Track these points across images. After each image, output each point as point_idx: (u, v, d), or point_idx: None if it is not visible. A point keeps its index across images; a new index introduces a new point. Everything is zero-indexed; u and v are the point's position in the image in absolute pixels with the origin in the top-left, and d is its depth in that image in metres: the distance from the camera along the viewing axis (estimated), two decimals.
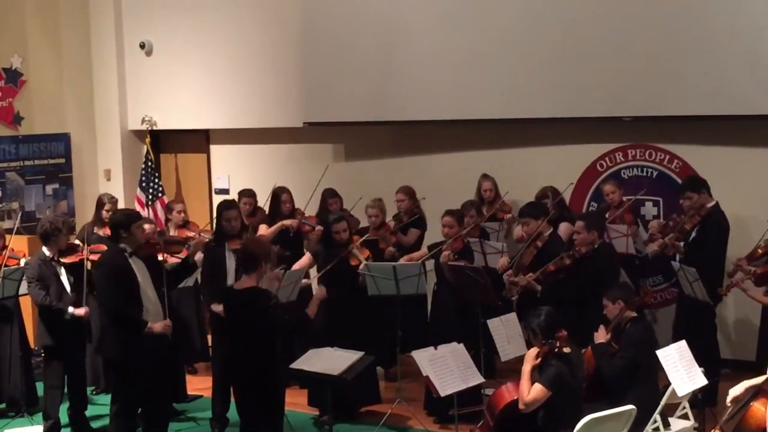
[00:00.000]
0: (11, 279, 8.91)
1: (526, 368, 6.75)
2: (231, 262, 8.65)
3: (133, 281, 7.83)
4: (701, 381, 7.22)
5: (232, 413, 8.10)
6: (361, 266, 9.15)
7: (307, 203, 10.80)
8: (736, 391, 6.39)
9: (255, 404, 7.13)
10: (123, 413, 8.02)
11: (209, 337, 10.70)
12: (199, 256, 9.00)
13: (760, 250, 8.80)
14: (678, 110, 10.14)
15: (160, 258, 8.31)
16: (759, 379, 6.28)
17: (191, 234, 10.07)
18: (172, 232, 10.17)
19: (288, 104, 12.21)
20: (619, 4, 10.23)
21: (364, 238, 9.75)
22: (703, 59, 9.87)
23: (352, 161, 12.27)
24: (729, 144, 10.18)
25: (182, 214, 10.41)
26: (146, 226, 9.91)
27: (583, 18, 10.40)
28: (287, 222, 10.34)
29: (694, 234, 9.22)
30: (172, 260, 8.89)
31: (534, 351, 6.82)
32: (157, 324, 7.85)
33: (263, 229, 10.23)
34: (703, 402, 7.58)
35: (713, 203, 9.29)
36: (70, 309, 8.52)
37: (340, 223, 9.16)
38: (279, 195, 10.76)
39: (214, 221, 9.38)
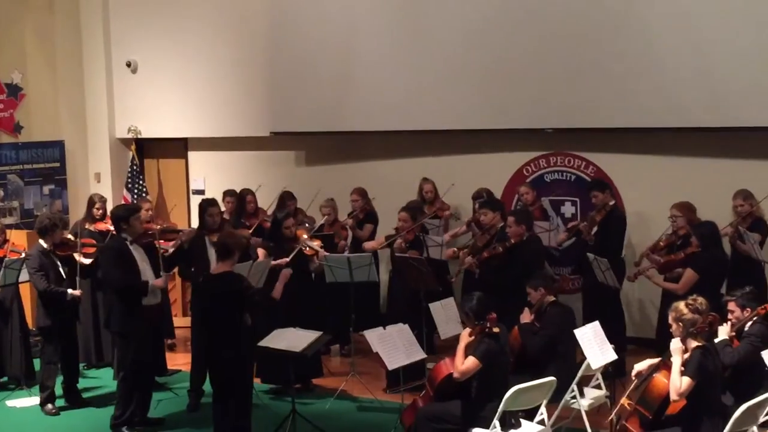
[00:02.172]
0: (12, 269, 8.88)
1: (461, 345, 6.79)
2: (212, 252, 8.62)
3: (133, 262, 7.99)
4: (612, 356, 7.31)
5: (207, 385, 8.11)
6: (320, 254, 9.18)
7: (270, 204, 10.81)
8: (640, 366, 6.52)
9: (227, 376, 7.12)
10: (127, 378, 8.08)
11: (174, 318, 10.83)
12: None
13: (661, 243, 8.95)
14: (593, 123, 10.23)
15: (162, 244, 8.56)
16: (658, 359, 6.41)
17: (157, 227, 10.01)
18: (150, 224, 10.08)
19: (256, 116, 12.18)
20: (542, 35, 10.27)
21: (316, 232, 9.72)
22: (614, 79, 9.97)
23: (312, 166, 12.28)
24: (636, 152, 10.30)
25: (149, 212, 10.35)
26: (144, 205, 9.98)
27: (511, 44, 10.45)
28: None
29: (595, 228, 9.40)
30: (166, 245, 8.98)
31: (467, 331, 6.87)
32: (158, 281, 8.11)
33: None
34: (613, 374, 7.69)
35: (613, 202, 9.47)
36: (69, 291, 8.52)
37: (288, 219, 9.18)
38: (244, 196, 10.84)
39: (197, 217, 9.34)
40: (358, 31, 11.36)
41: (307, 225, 10.10)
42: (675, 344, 6.11)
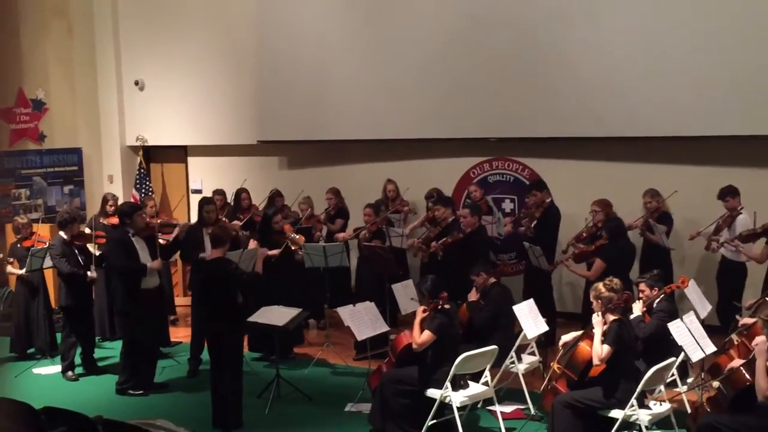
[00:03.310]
0: (37, 257, 8.80)
1: (418, 320, 6.81)
2: (208, 242, 8.60)
3: (134, 250, 7.98)
4: (544, 328, 7.36)
5: (204, 354, 8.07)
6: (299, 248, 9.17)
7: (261, 202, 10.74)
8: (566, 338, 6.58)
9: (222, 347, 7.10)
10: (129, 350, 8.10)
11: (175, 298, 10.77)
12: None
13: (584, 234, 9.01)
14: (528, 133, 10.30)
15: (163, 238, 8.56)
16: (581, 332, 6.47)
17: (156, 221, 9.91)
18: (151, 220, 9.95)
19: (245, 127, 12.13)
20: (487, 61, 10.32)
21: (297, 227, 9.72)
22: (545, 97, 10.04)
23: (293, 169, 12.25)
24: (563, 157, 10.39)
25: (154, 208, 10.28)
26: (149, 203, 9.92)
27: (461, 68, 10.50)
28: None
29: (535, 221, 9.42)
30: (167, 237, 8.92)
31: (422, 307, 6.89)
32: (154, 262, 8.07)
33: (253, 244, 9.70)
34: (545, 343, 7.76)
35: (550, 199, 9.50)
36: (89, 273, 8.49)
37: (277, 215, 9.21)
38: (240, 194, 10.78)
39: (194, 212, 9.30)
40: (332, 55, 11.34)
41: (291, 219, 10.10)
42: (596, 318, 6.17)
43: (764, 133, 8.95)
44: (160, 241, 8.64)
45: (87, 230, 9.14)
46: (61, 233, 8.56)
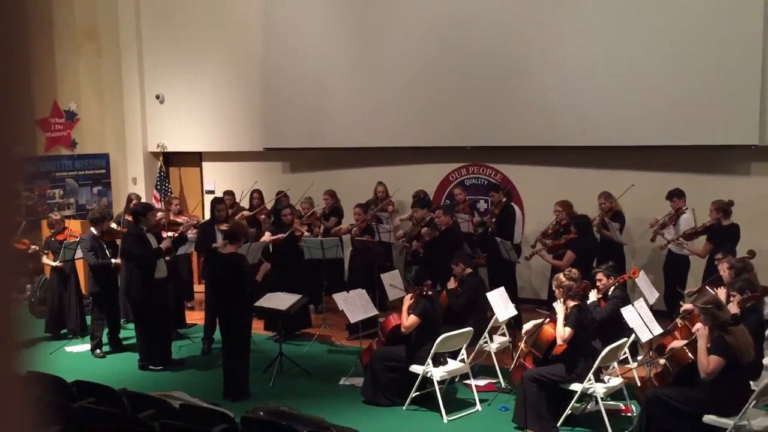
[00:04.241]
0: (70, 249, 8.78)
1: (405, 306, 6.81)
2: (219, 237, 8.58)
3: (149, 243, 7.94)
4: (513, 312, 7.38)
5: (217, 334, 8.04)
6: (303, 236, 9.17)
7: (270, 201, 10.74)
8: (527, 326, 6.57)
9: (232, 328, 7.07)
10: (144, 334, 8.05)
11: (194, 286, 10.71)
12: (192, 233, 8.97)
13: (549, 230, 9.03)
14: (500, 142, 10.29)
15: (165, 234, 8.43)
16: (540, 320, 6.46)
17: (183, 218, 9.95)
18: (171, 218, 9.96)
19: (253, 135, 12.08)
20: (465, 79, 10.31)
21: (301, 222, 9.73)
22: (514, 111, 10.05)
23: (295, 173, 12.22)
24: (530, 164, 10.38)
25: (177, 206, 10.30)
26: (159, 214, 9.89)
27: (442, 85, 10.48)
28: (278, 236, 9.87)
29: (495, 217, 9.46)
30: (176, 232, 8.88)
31: (408, 295, 6.89)
32: (165, 241, 8.07)
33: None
34: (514, 325, 7.76)
35: (505, 200, 9.55)
36: (113, 260, 8.46)
37: (285, 209, 9.27)
38: (252, 194, 10.84)
39: (208, 211, 9.28)
40: (329, 73, 11.30)
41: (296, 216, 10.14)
42: (558, 304, 6.18)
43: (705, 143, 9.02)
44: (174, 235, 8.61)
45: (114, 225, 9.11)
46: (92, 229, 8.52)
